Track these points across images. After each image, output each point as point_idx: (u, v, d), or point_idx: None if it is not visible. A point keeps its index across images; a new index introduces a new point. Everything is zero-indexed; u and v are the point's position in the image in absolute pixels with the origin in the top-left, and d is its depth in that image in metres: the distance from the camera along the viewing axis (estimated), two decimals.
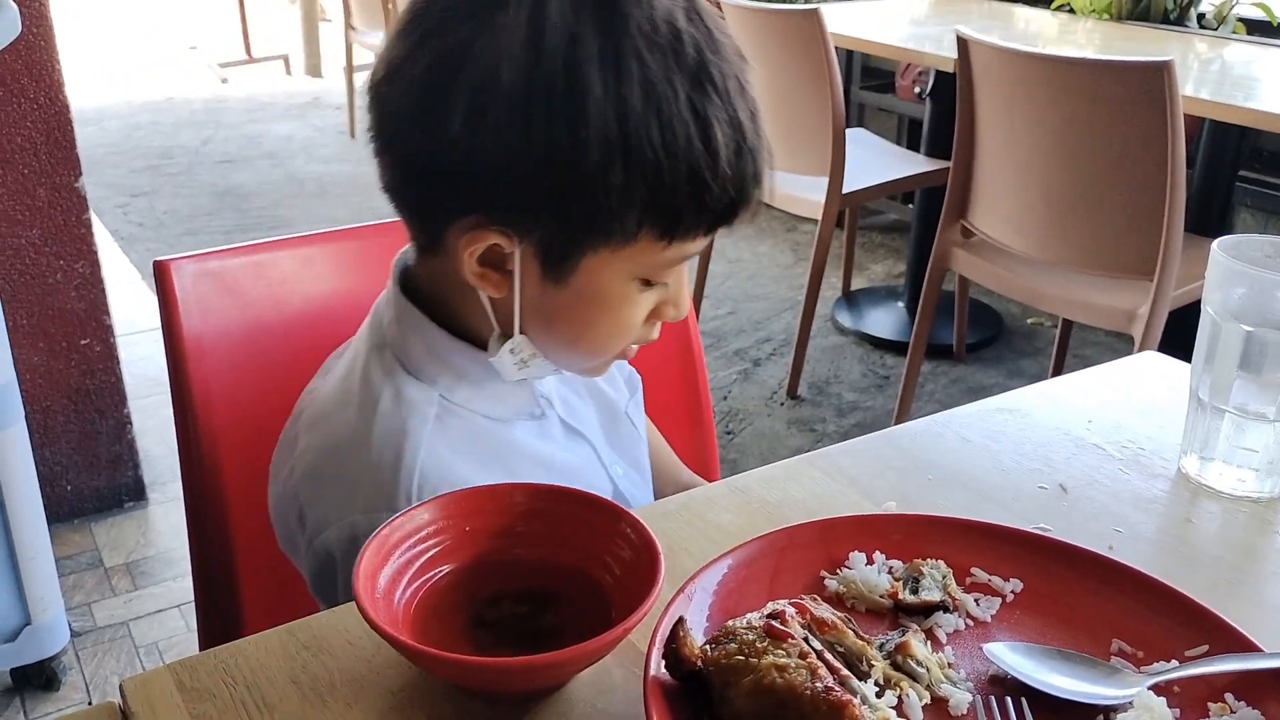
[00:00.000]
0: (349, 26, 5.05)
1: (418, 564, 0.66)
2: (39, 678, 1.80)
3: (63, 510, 2.23)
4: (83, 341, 2.16)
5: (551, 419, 0.87)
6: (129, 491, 2.31)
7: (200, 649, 0.88)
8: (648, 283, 0.76)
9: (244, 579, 1.02)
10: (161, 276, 0.99)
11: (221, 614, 1.03)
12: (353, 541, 0.76)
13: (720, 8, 2.69)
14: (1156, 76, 1.87)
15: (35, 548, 1.71)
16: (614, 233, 0.71)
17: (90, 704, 1.74)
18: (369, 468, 0.78)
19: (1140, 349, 1.97)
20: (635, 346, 0.83)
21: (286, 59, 6.74)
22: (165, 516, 2.28)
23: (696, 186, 0.70)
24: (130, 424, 2.26)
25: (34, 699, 1.80)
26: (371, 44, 4.89)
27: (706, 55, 0.70)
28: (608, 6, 0.68)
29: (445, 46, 0.69)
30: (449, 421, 0.80)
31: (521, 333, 0.78)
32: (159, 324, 1.00)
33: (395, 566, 0.65)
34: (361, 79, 5.55)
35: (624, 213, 0.70)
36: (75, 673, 1.86)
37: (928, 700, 0.61)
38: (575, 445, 0.89)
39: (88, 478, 2.25)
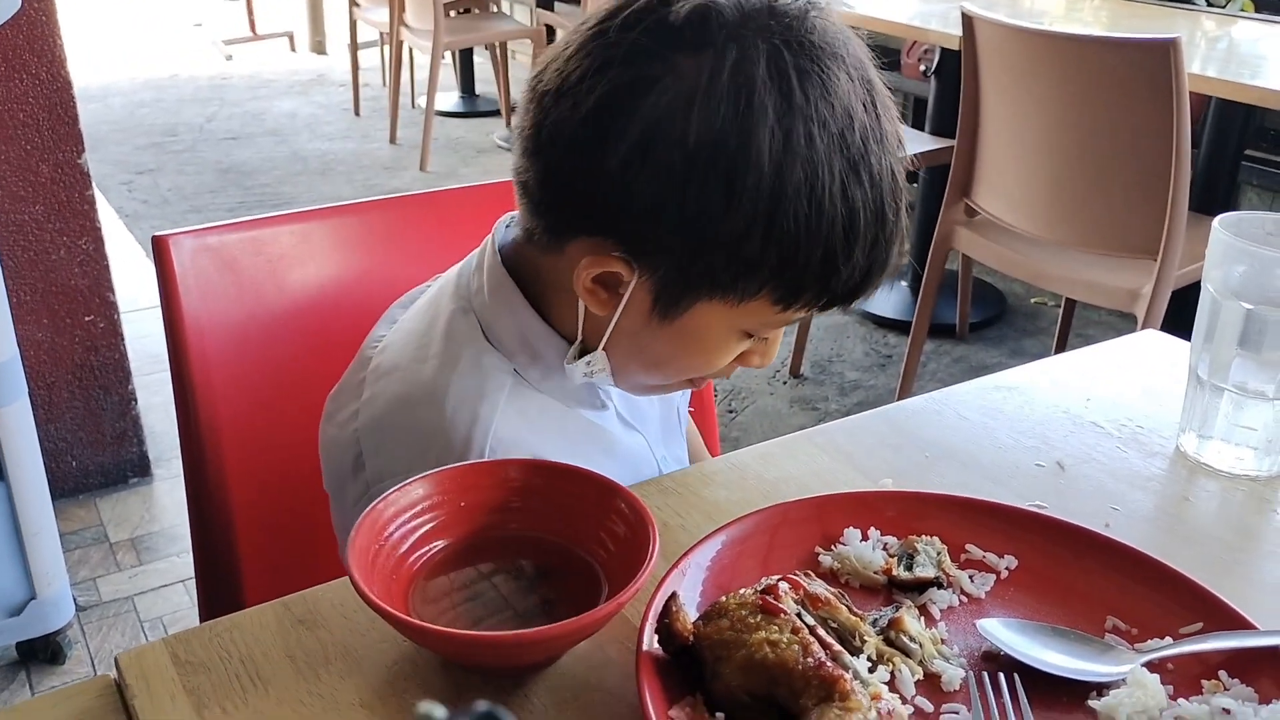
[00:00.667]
0: (353, 4, 5.03)
1: (412, 539, 0.66)
2: (44, 652, 1.82)
3: (68, 486, 2.24)
4: (86, 318, 2.16)
5: (610, 411, 0.88)
6: (134, 467, 2.31)
7: (200, 623, 0.88)
8: (748, 335, 0.77)
9: (244, 554, 1.03)
10: (160, 252, 0.98)
11: (222, 589, 1.03)
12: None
13: None
14: (1163, 54, 1.86)
15: (40, 523, 1.71)
16: (735, 292, 0.72)
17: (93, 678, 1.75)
18: (442, 425, 0.78)
19: (1143, 328, 1.96)
20: (726, 375, 0.83)
21: (291, 36, 6.71)
22: (170, 492, 2.29)
23: (827, 268, 0.70)
24: (135, 400, 2.27)
25: (39, 672, 1.82)
26: (376, 20, 4.88)
27: (870, 144, 0.70)
28: (795, 81, 0.68)
29: (626, 79, 0.68)
30: (523, 393, 0.81)
31: (603, 349, 0.78)
32: None
33: (390, 541, 0.65)
34: (366, 56, 5.54)
35: (751, 277, 0.71)
36: (80, 647, 1.87)
37: (920, 676, 0.61)
38: (630, 435, 0.89)
39: (92, 453, 2.26)
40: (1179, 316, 1.62)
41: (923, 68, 3.66)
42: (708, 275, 0.71)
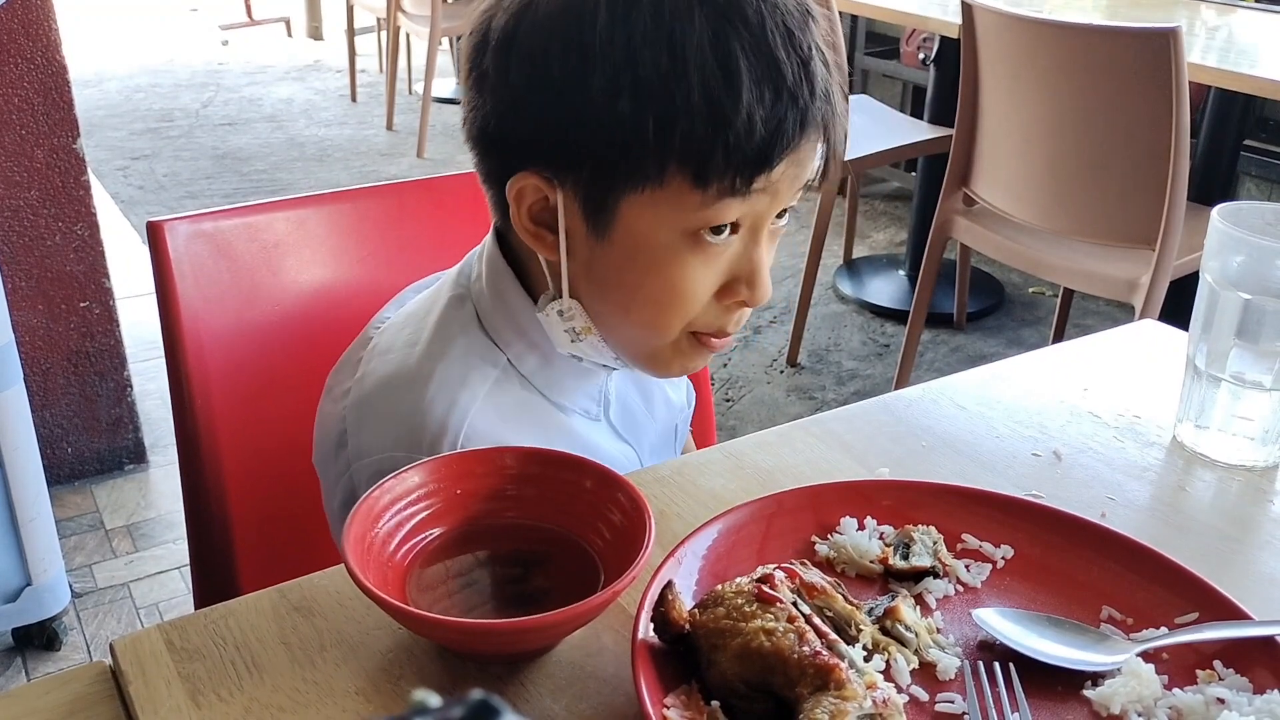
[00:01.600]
0: None
1: (408, 526, 0.66)
2: (40, 638, 1.82)
3: (63, 472, 2.23)
4: (82, 304, 2.15)
5: (602, 423, 0.86)
6: (129, 454, 2.31)
7: (195, 610, 0.88)
8: (698, 241, 0.72)
9: (239, 541, 1.03)
10: (156, 238, 0.98)
11: (217, 576, 1.03)
12: (380, 477, 0.76)
13: None
14: (1162, 43, 1.85)
15: (35, 509, 1.71)
16: (642, 173, 0.69)
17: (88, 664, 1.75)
18: (420, 409, 0.77)
19: (1141, 319, 1.96)
20: (717, 341, 0.78)
21: (288, 21, 6.69)
22: (166, 479, 2.29)
23: (717, 125, 0.67)
24: (130, 387, 2.27)
25: (35, 659, 1.82)
26: (373, 6, 4.86)
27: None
28: None
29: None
30: (507, 389, 0.80)
31: (575, 298, 0.76)
32: None
33: (385, 528, 0.65)
34: (362, 42, 5.51)
35: (644, 150, 0.68)
36: (76, 633, 1.87)
37: (916, 665, 0.62)
38: (619, 446, 0.88)
39: (88, 440, 2.25)
40: (1177, 307, 1.62)
41: (922, 56, 3.65)
42: (609, 160, 0.69)
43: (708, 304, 0.75)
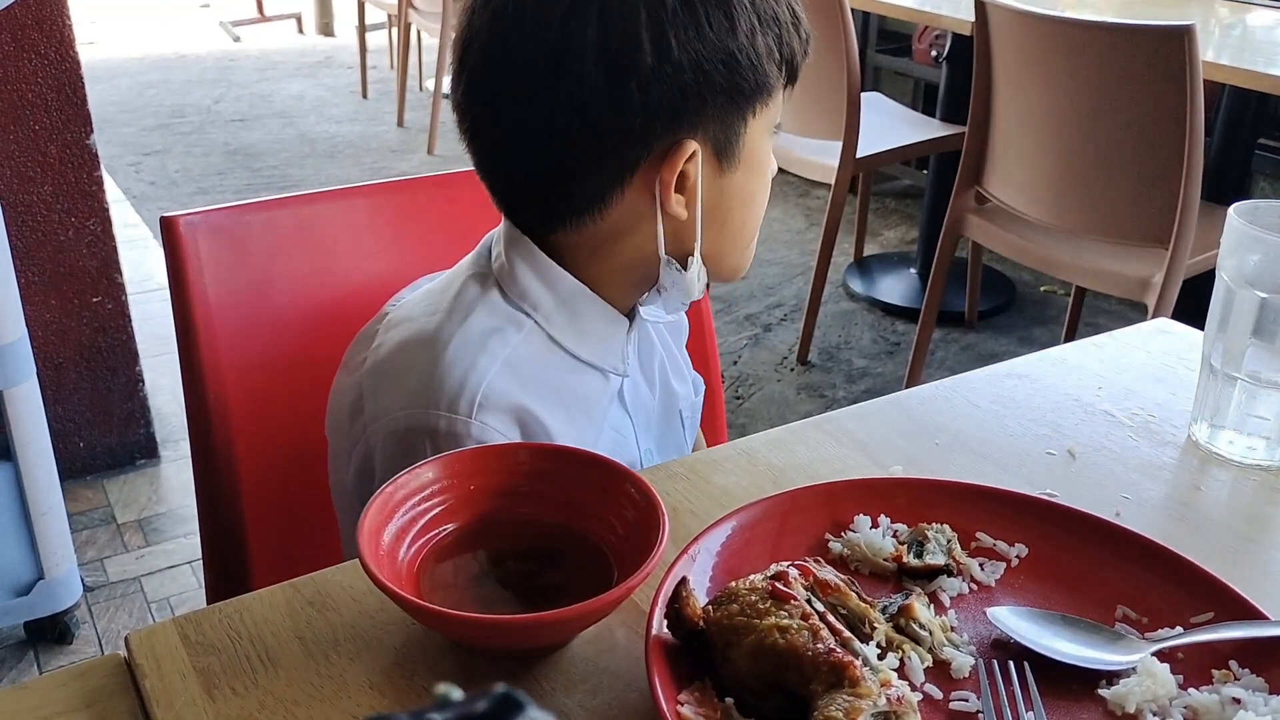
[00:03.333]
0: None
1: (422, 521, 0.66)
2: (52, 631, 1.83)
3: (75, 467, 2.24)
4: (94, 299, 2.16)
5: (617, 382, 0.88)
6: (141, 449, 2.32)
7: (208, 604, 0.88)
8: (771, 136, 0.83)
9: (251, 536, 1.03)
10: (169, 233, 0.98)
11: (229, 570, 1.04)
12: (399, 435, 0.79)
13: None
14: (1177, 41, 1.84)
15: (48, 503, 1.72)
16: (766, 92, 0.80)
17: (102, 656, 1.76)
18: (439, 369, 0.78)
19: (1154, 318, 1.96)
20: None
21: (299, 17, 6.70)
22: (177, 474, 2.30)
23: (798, 31, 0.81)
24: (142, 382, 2.27)
25: (47, 652, 1.83)
26: (384, 2, 4.86)
27: None
28: None
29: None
30: (528, 352, 0.81)
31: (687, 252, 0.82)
32: None
33: (400, 524, 0.65)
34: (373, 38, 5.52)
35: (772, 69, 0.79)
36: (88, 627, 1.88)
37: (930, 663, 0.61)
38: (620, 415, 0.89)
39: (100, 435, 2.26)
40: (1189, 306, 1.61)
41: (934, 53, 3.64)
42: (744, 93, 0.78)
43: None
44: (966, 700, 0.59)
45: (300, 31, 6.66)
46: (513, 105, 0.77)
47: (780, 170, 0.90)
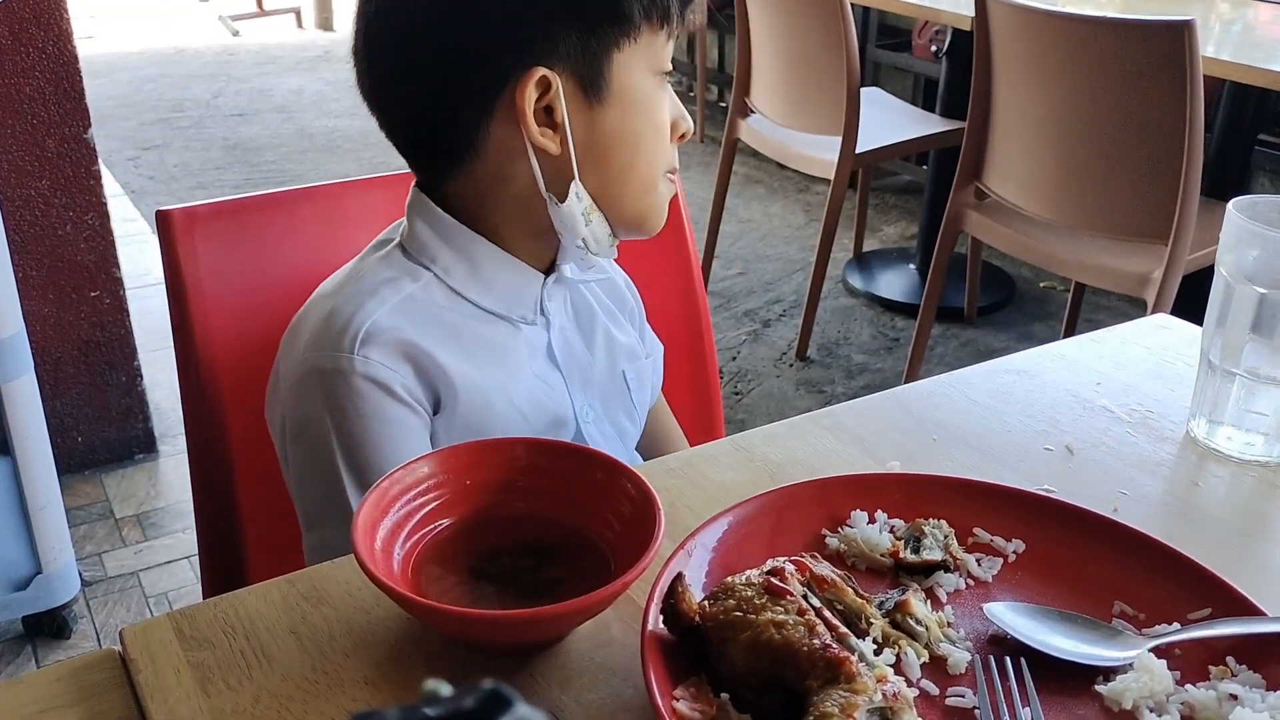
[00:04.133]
0: None
1: (417, 517, 0.66)
2: (50, 625, 1.83)
3: (73, 461, 2.24)
4: (92, 294, 2.16)
5: (540, 336, 0.89)
6: (139, 443, 2.32)
7: (204, 599, 0.88)
8: (661, 83, 0.83)
9: (248, 531, 1.03)
10: (166, 228, 0.98)
11: (226, 565, 1.03)
12: (296, 386, 0.81)
13: None
14: (1177, 37, 1.84)
15: (46, 498, 1.72)
16: (627, 27, 0.79)
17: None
18: (329, 317, 0.82)
19: (1153, 313, 1.95)
20: (673, 178, 0.88)
21: (298, 12, 6.69)
22: (175, 468, 2.29)
23: None
24: (140, 376, 2.27)
25: (45, 646, 1.83)
26: None
27: None
28: None
29: None
30: (425, 301, 0.83)
31: (579, 180, 0.82)
32: None
33: (395, 519, 0.65)
34: None
35: (629, 4, 0.78)
36: (86, 621, 1.88)
37: (926, 659, 0.61)
38: (550, 369, 0.90)
39: (98, 429, 2.26)
40: (1188, 302, 1.61)
41: (934, 48, 3.63)
42: (600, 27, 0.78)
43: (668, 141, 0.85)
44: (963, 696, 0.59)
45: (299, 26, 6.65)
46: (381, 39, 0.82)
47: (780, 165, 0.92)
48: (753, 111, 2.88)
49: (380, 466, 0.78)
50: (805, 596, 0.59)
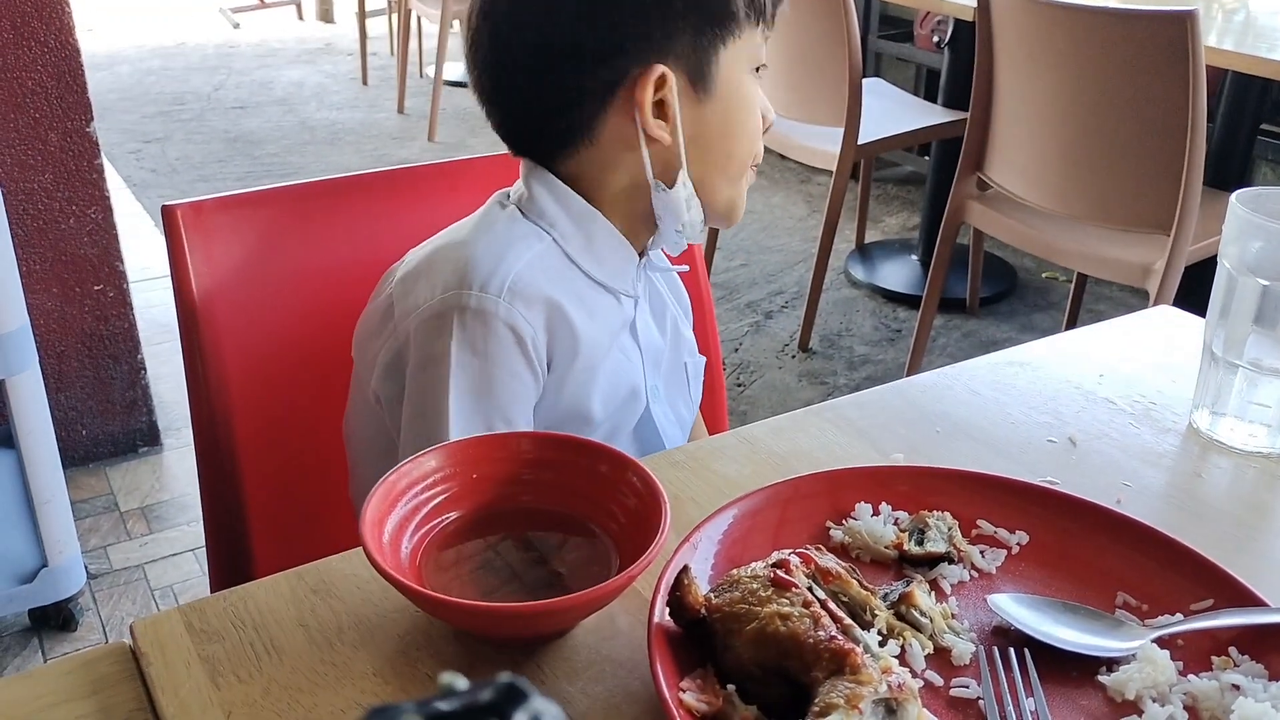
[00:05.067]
0: None
1: (425, 510, 0.67)
2: (56, 618, 1.83)
3: (78, 454, 2.25)
4: (96, 287, 2.16)
5: (628, 312, 0.91)
6: (143, 437, 2.32)
7: (212, 592, 0.89)
8: (754, 79, 0.87)
9: (254, 523, 1.03)
10: (170, 221, 0.98)
11: (232, 557, 1.04)
12: (431, 319, 0.83)
13: None
14: (1179, 27, 1.84)
15: (51, 491, 1.72)
16: (734, 26, 0.84)
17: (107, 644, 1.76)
18: (471, 259, 0.83)
19: (1155, 304, 1.95)
20: (753, 172, 0.91)
21: (299, 4, 6.67)
22: (180, 461, 2.30)
23: None
24: (144, 370, 2.27)
25: (51, 639, 1.83)
26: None
27: None
28: None
29: None
30: (551, 261, 0.86)
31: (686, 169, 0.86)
32: None
33: (402, 512, 0.65)
34: (373, 25, 5.50)
35: (736, 5, 0.83)
36: (92, 614, 1.89)
37: (930, 650, 0.62)
38: (629, 343, 0.92)
39: (102, 423, 2.27)
40: (1190, 292, 1.61)
41: (936, 39, 3.63)
42: (711, 26, 0.83)
43: (759, 132, 0.89)
44: (967, 687, 0.59)
45: (300, 18, 6.64)
46: (507, 33, 0.85)
47: (782, 157, 0.94)
48: None
49: (489, 415, 0.82)
50: (810, 589, 0.59)
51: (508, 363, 0.82)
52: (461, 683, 0.25)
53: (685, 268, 1.02)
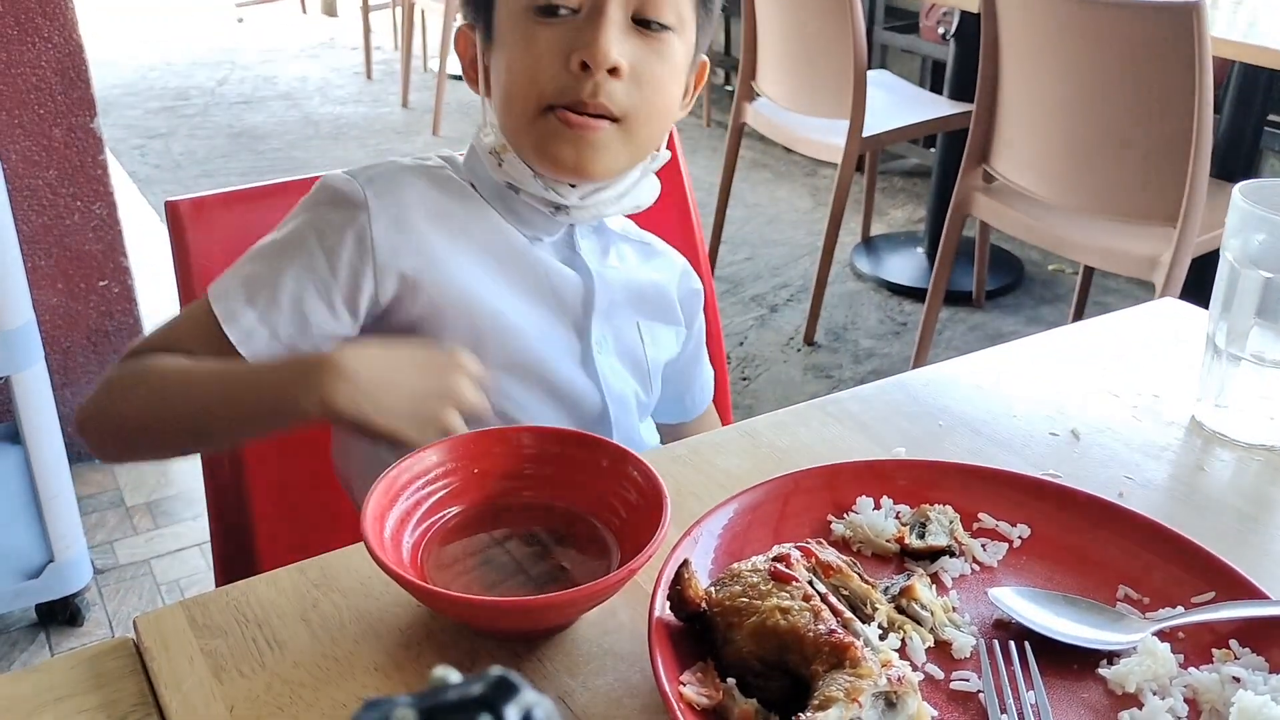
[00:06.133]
0: None
1: (426, 505, 0.67)
2: (63, 613, 1.84)
3: (84, 450, 2.25)
4: (101, 283, 2.17)
5: (561, 240, 0.92)
6: None
7: (216, 587, 0.89)
8: (531, 20, 0.83)
9: (258, 519, 1.04)
10: (174, 217, 0.99)
11: (237, 552, 1.04)
12: (322, 191, 0.86)
13: None
14: (1186, 17, 1.83)
15: (57, 486, 1.73)
16: None
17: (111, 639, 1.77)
18: (339, 174, 0.87)
19: (1162, 296, 1.95)
20: (574, 116, 0.83)
21: None
22: (185, 457, 2.30)
23: None
24: None
25: (58, 634, 1.84)
26: None
27: None
28: None
29: None
30: (450, 185, 0.89)
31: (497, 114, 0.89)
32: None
33: (404, 508, 0.65)
34: (377, 19, 5.50)
35: None
36: (99, 609, 1.89)
37: (931, 644, 0.62)
38: (567, 284, 0.90)
39: None
40: (1198, 284, 1.61)
41: (941, 30, 3.62)
42: None
43: (556, 74, 0.83)
44: (967, 680, 0.60)
45: (304, 13, 6.64)
46: None
47: (787, 150, 0.92)
48: (759, 95, 2.87)
49: (275, 272, 0.83)
50: (811, 582, 0.60)
51: (318, 228, 0.84)
52: (454, 676, 0.25)
53: (633, 208, 0.94)
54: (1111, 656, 0.61)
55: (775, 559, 0.60)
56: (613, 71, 0.81)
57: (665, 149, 0.92)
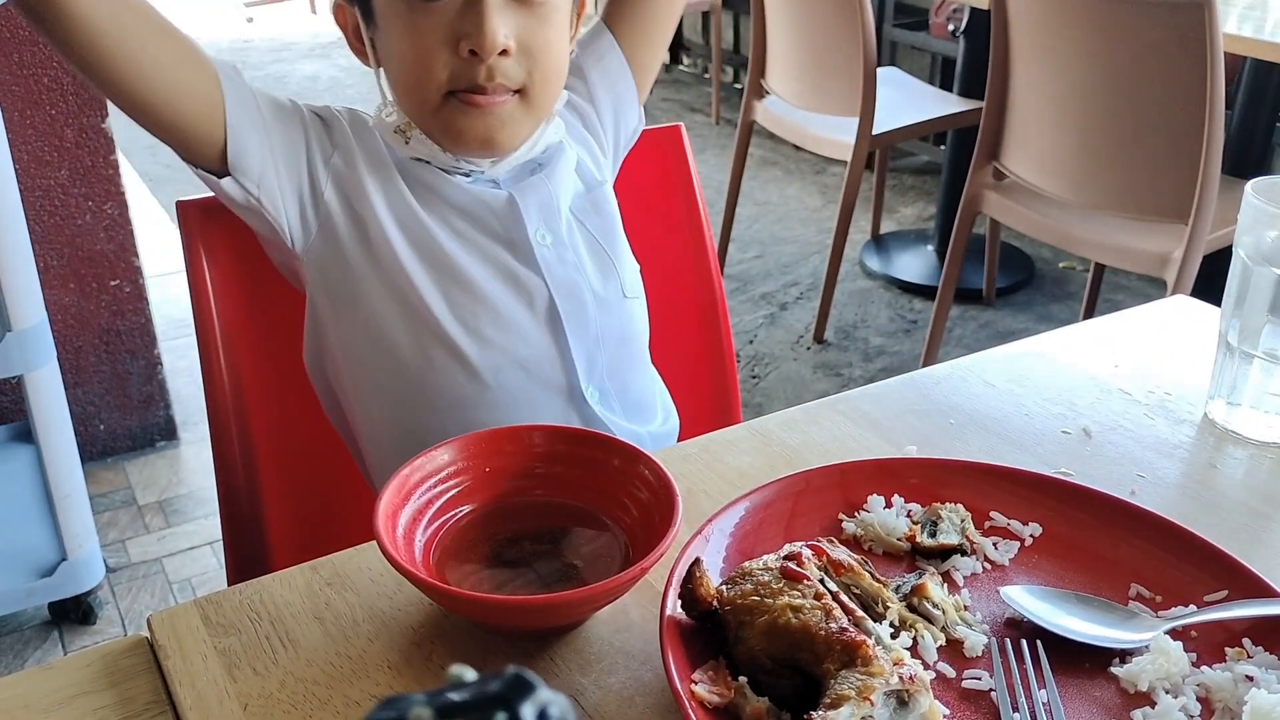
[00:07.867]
0: None
1: (438, 504, 0.67)
2: (76, 612, 1.85)
3: (96, 449, 2.26)
4: (112, 283, 2.18)
5: (487, 174, 0.93)
6: (161, 431, 2.34)
7: (229, 585, 0.89)
8: (410, 6, 0.83)
9: (270, 516, 1.04)
10: (185, 217, 0.99)
11: (249, 551, 1.05)
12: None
13: None
14: (1197, 14, 1.82)
15: (69, 485, 1.74)
16: None
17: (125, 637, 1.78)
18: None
19: (1173, 294, 1.94)
20: (480, 98, 0.85)
21: None
22: (196, 455, 2.31)
23: None
24: (161, 365, 2.29)
25: (71, 632, 1.85)
26: None
27: None
28: None
29: None
30: (371, 139, 0.92)
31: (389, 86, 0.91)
32: None
33: (416, 506, 0.66)
34: None
35: None
36: (111, 607, 1.90)
37: (943, 642, 0.62)
38: (484, 189, 0.92)
39: (120, 417, 2.28)
40: (1209, 282, 1.60)
41: (951, 27, 3.61)
42: None
43: (448, 60, 0.84)
44: (979, 679, 0.59)
45: (313, 11, 6.65)
46: None
47: (796, 147, 0.91)
48: (768, 93, 2.87)
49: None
50: (822, 581, 0.60)
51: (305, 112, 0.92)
52: (470, 674, 0.25)
53: (551, 147, 0.95)
54: (1124, 655, 0.61)
55: (786, 557, 0.60)
56: (503, 53, 0.83)
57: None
